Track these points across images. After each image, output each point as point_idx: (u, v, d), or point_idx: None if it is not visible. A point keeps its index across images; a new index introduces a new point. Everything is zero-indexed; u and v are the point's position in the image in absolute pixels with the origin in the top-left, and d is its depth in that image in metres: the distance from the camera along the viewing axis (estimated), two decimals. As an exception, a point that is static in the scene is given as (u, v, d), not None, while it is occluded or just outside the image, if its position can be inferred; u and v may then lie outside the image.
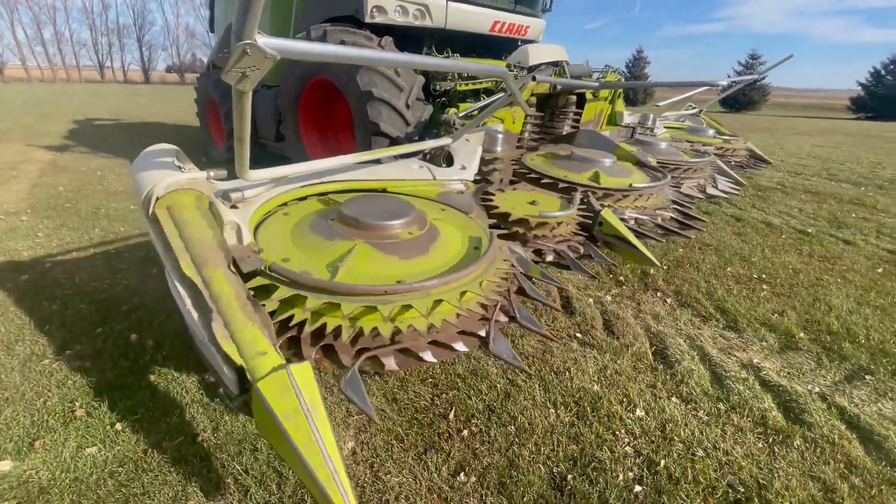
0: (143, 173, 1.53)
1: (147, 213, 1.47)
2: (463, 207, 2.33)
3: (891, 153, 8.90)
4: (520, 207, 2.53)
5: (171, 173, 1.53)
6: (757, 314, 2.52)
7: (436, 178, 2.57)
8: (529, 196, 2.68)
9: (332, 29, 3.64)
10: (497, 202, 2.62)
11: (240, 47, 0.96)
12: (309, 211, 2.04)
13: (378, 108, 3.53)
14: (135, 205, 4.27)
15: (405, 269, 1.59)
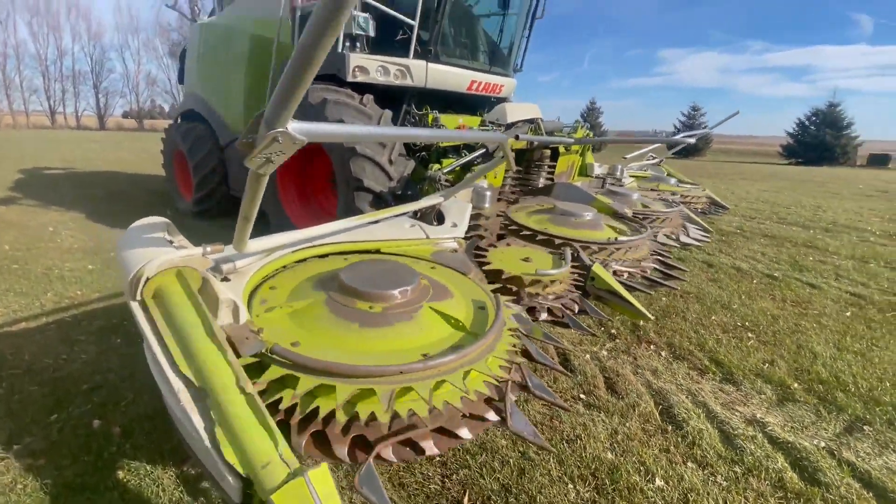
0: (131, 251, 1.39)
1: (134, 295, 1.32)
2: (460, 267, 2.28)
3: (826, 197, 9.75)
4: (513, 265, 2.51)
5: (163, 250, 1.40)
6: (749, 365, 2.55)
7: (429, 236, 2.53)
8: (522, 252, 2.68)
9: (315, 87, 3.66)
10: (490, 259, 2.59)
11: (271, 135, 0.90)
12: (304, 278, 1.93)
13: (362, 165, 3.52)
14: (93, 265, 3.97)
15: (426, 340, 1.50)
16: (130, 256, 1.38)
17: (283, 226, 4.36)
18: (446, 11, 3.88)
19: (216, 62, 5.42)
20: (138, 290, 1.32)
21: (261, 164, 1.04)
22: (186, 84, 6.19)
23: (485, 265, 2.48)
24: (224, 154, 5.53)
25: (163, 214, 5.82)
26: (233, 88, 5.17)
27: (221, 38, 5.34)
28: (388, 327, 1.53)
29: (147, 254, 1.37)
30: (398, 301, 1.67)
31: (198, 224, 5.52)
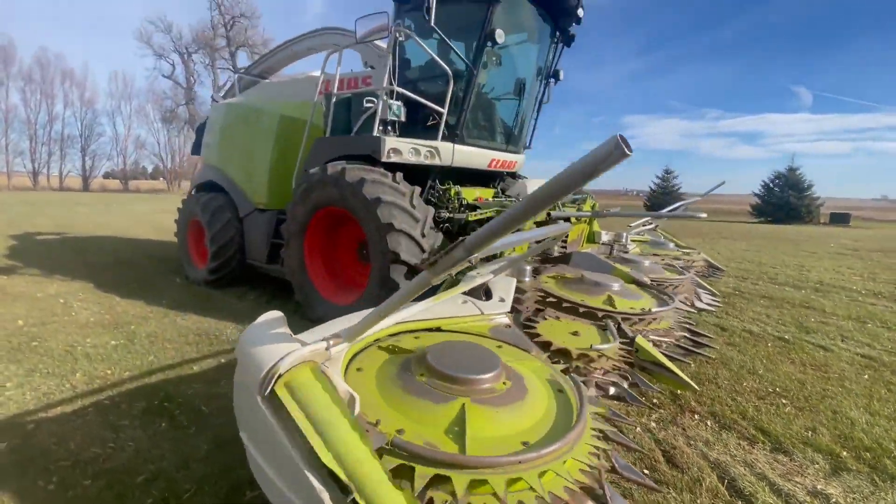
0: (257, 349, 1.45)
1: (263, 392, 1.36)
2: (522, 344, 2.37)
3: (804, 256, 10.34)
4: (565, 338, 2.63)
5: (291, 346, 1.46)
6: (794, 433, 2.64)
7: (483, 312, 2.64)
8: (570, 326, 2.80)
9: (352, 167, 3.89)
10: (541, 332, 2.70)
11: (471, 258, 1.03)
12: (382, 362, 1.99)
13: (398, 239, 3.68)
14: (115, 340, 3.89)
15: (521, 426, 1.55)
16: (258, 353, 1.44)
17: (308, 298, 4.41)
18: (471, 100, 4.28)
19: (239, 138, 5.70)
20: (269, 386, 1.37)
21: (440, 276, 1.15)
22: (205, 157, 6.41)
23: (536, 338, 2.58)
24: (243, 224, 5.65)
25: (172, 282, 5.92)
26: (256, 163, 5.41)
27: (246, 116, 5.65)
28: (485, 411, 1.58)
29: (275, 350, 1.43)
30: (488, 385, 1.74)
31: (212, 293, 5.49)
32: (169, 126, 43.58)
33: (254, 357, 1.44)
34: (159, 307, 4.86)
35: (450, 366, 1.77)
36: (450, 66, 4.10)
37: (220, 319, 4.51)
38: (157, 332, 4.11)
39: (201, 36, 36.27)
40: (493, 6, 3.92)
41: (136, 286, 5.75)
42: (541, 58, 4.95)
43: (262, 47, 36.53)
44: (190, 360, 3.50)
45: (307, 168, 4.59)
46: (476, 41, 4.07)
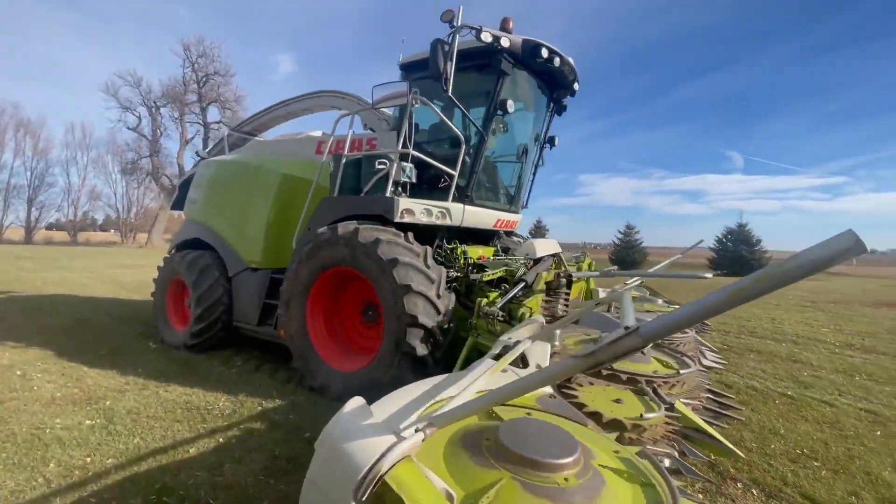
0: (347, 444, 1.29)
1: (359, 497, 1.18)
2: (576, 417, 2.26)
3: (770, 308, 10.89)
4: (611, 407, 2.54)
5: (386, 439, 1.31)
6: (839, 499, 2.60)
7: (527, 381, 2.53)
8: (610, 392, 2.72)
9: (365, 227, 3.82)
10: (584, 401, 2.61)
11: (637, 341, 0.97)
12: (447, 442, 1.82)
13: (415, 301, 3.56)
14: (90, 419, 3.43)
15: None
16: (349, 450, 1.28)
17: (310, 364, 4.13)
18: (480, 163, 4.40)
19: (233, 196, 5.54)
20: (370, 488, 1.20)
21: (597, 366, 1.07)
22: (190, 213, 6.16)
23: (582, 408, 2.48)
24: (231, 284, 5.36)
25: (146, 347, 5.46)
26: (251, 221, 5.24)
27: (242, 174, 5.54)
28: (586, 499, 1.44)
29: (371, 445, 1.28)
30: (577, 469, 1.59)
31: (193, 359, 5.05)
32: (129, 178, 42.22)
33: (344, 454, 1.27)
34: (136, 377, 4.39)
35: (528, 447, 1.62)
36: (461, 132, 4.24)
37: (208, 390, 4.11)
38: (138, 407, 3.67)
39: (171, 91, 36.35)
40: (503, 78, 4.16)
41: (104, 353, 5.21)
42: (537, 125, 5.24)
43: (234, 104, 37.03)
44: (183, 442, 3.12)
45: (311, 227, 4.48)
46: (487, 109, 4.27)
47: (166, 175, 38.44)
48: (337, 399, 3.85)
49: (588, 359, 1.06)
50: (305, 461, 2.89)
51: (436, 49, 3.65)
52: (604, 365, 1.06)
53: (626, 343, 0.99)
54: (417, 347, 3.54)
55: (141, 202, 47.97)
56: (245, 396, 3.96)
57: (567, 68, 4.48)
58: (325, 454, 1.32)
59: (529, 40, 4.06)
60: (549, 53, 4.13)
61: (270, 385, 4.29)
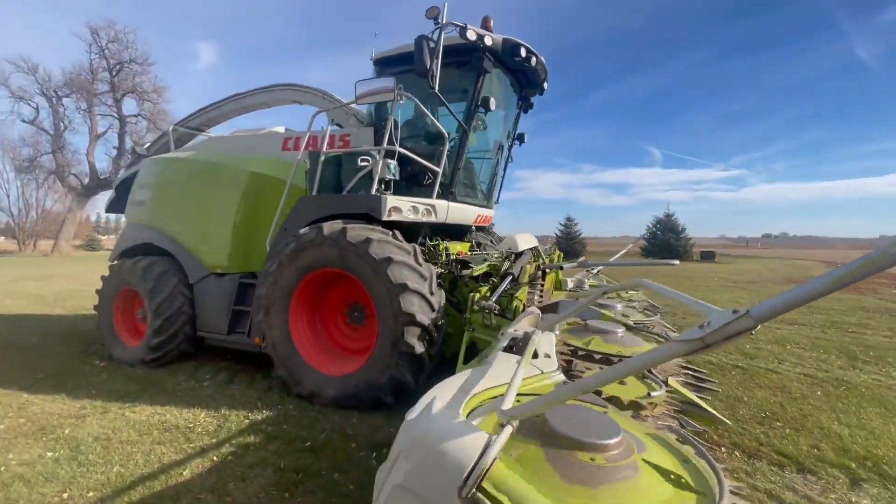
0: (446, 444, 1.27)
1: (465, 494, 1.18)
2: (597, 401, 2.39)
3: (703, 289, 12.02)
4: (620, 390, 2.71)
5: (480, 435, 1.30)
6: (805, 452, 2.98)
7: (543, 371, 2.62)
8: (614, 376, 2.89)
9: (353, 226, 3.71)
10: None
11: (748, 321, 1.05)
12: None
13: (411, 299, 3.53)
14: (51, 450, 3.05)
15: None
16: (445, 449, 1.27)
17: (295, 372, 3.96)
18: (463, 160, 4.44)
19: (190, 196, 5.12)
20: (474, 486, 1.20)
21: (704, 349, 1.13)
22: (135, 217, 5.61)
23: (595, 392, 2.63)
24: (193, 292, 4.97)
25: (91, 366, 5.06)
26: (215, 223, 4.88)
27: (201, 173, 5.13)
28: (619, 483, 1.39)
29: (468, 442, 1.28)
30: (617, 452, 1.63)
31: (153, 375, 4.62)
32: (26, 177, 37.06)
33: (443, 454, 1.26)
34: (91, 400, 3.95)
35: (573, 429, 1.67)
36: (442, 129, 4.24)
37: (182, 407, 3.80)
38: (106, 433, 3.31)
39: (76, 79, 32.36)
40: (484, 75, 4.22)
41: (43, 376, 4.62)
42: (509, 122, 5.37)
43: (153, 95, 33.82)
44: (172, 465, 2.87)
45: (287, 228, 4.27)
46: (468, 106, 4.30)
47: (74, 174, 34.31)
48: (331, 405, 3.74)
49: (696, 343, 1.13)
50: (315, 471, 2.80)
51: (421, 45, 3.62)
52: (711, 348, 1.14)
53: (737, 325, 1.08)
54: (415, 346, 3.52)
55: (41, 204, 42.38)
56: (227, 410, 3.71)
57: (540, 67, 4.64)
58: (419, 457, 1.30)
59: (509, 39, 4.16)
60: (527, 53, 4.25)
61: (252, 396, 4.06)
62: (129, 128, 33.74)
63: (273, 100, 6.18)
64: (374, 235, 3.66)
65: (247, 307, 4.66)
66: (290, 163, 4.92)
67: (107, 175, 34.03)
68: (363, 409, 3.69)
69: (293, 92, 5.93)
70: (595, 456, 1.47)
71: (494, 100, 4.27)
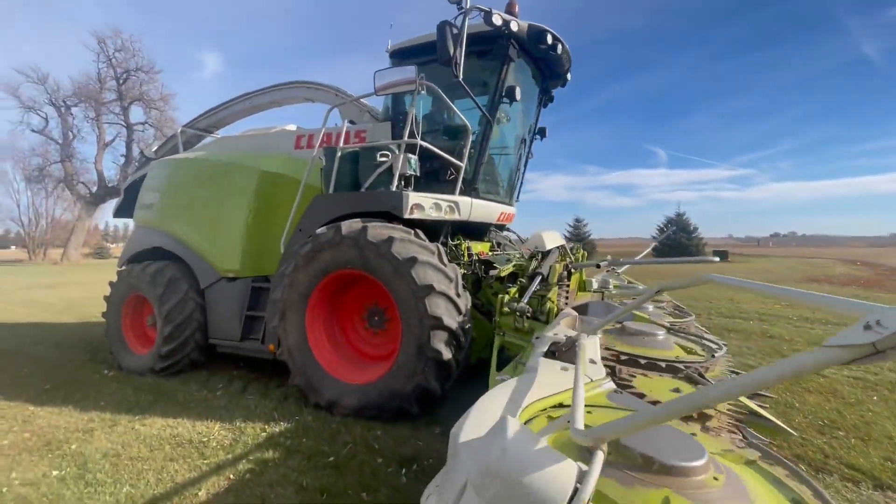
0: (534, 477, 1.03)
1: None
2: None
3: (722, 289, 11.66)
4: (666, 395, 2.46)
5: (569, 465, 1.06)
6: (878, 464, 2.70)
7: (592, 379, 2.38)
8: (667, 383, 2.64)
9: (374, 225, 3.49)
10: (643, 391, 2.51)
11: None
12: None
13: (437, 302, 3.30)
14: (56, 468, 2.85)
15: None
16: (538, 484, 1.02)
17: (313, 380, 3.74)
18: (486, 154, 4.21)
19: (200, 198, 4.93)
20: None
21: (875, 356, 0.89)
22: (144, 220, 5.43)
23: (638, 396, 2.38)
24: (204, 298, 4.77)
25: (100, 376, 4.79)
26: (225, 225, 4.69)
27: (211, 173, 4.95)
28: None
29: (560, 472, 1.03)
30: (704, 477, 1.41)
31: (163, 384, 4.42)
32: (36, 186, 37.32)
33: (523, 487, 1.02)
34: (100, 412, 3.75)
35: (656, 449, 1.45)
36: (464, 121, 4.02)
37: (195, 419, 3.58)
38: (115, 448, 3.10)
39: (84, 89, 32.59)
40: (508, 64, 3.99)
41: (50, 387, 4.43)
42: (530, 116, 5.13)
43: (160, 102, 34.00)
44: (186, 484, 2.65)
45: (302, 228, 4.06)
46: (491, 97, 4.08)
47: (82, 182, 34.51)
48: (352, 415, 3.50)
49: (864, 349, 0.89)
50: (340, 489, 2.56)
51: (444, 32, 3.40)
52: (881, 358, 0.90)
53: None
54: (443, 351, 3.28)
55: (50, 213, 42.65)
56: (242, 422, 3.49)
57: (565, 56, 4.41)
58: (496, 492, 1.06)
59: (534, 26, 3.93)
60: (553, 40, 4.02)
61: (267, 406, 3.83)
62: (136, 135, 33.90)
63: (284, 98, 6.00)
64: (396, 234, 3.44)
65: (260, 312, 4.46)
66: (303, 161, 4.72)
67: (114, 182, 34.22)
68: (386, 419, 3.46)
69: (305, 90, 5.74)
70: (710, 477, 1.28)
71: (519, 90, 4.04)
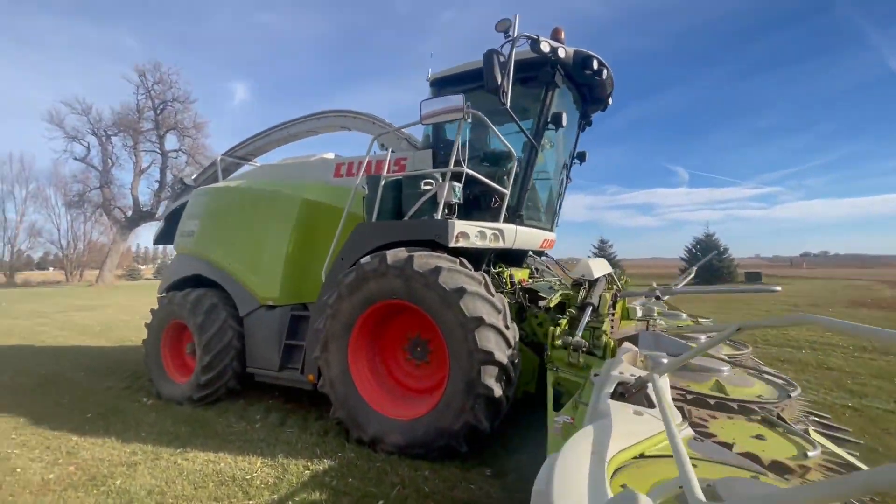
0: None
1: None
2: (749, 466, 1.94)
3: (763, 314, 11.14)
4: (761, 446, 2.25)
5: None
6: None
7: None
8: (747, 428, 2.43)
9: (419, 254, 3.42)
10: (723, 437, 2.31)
11: None
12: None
13: (487, 335, 3.18)
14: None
15: None
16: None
17: (356, 414, 3.62)
18: (531, 180, 4.13)
19: (241, 225, 4.98)
20: None
21: None
22: (185, 247, 5.51)
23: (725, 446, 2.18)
24: (243, 325, 4.76)
25: (139, 404, 4.70)
26: (266, 253, 4.70)
27: (254, 201, 5.01)
28: None
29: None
30: None
31: (202, 415, 4.37)
32: (75, 211, 39.12)
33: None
34: (142, 444, 3.70)
35: None
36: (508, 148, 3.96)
37: (237, 454, 3.49)
38: (159, 485, 3.03)
39: (124, 119, 34.39)
40: (553, 90, 3.95)
41: (92, 416, 4.44)
42: (570, 140, 5.06)
43: (193, 130, 35.50)
44: (234, 528, 2.54)
45: (343, 257, 4.02)
46: (535, 123, 4.03)
47: (119, 207, 36.05)
48: (398, 453, 3.36)
49: None
50: (394, 538, 2.41)
51: (491, 60, 3.38)
52: None
53: None
54: (494, 388, 3.13)
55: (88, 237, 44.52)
56: (285, 458, 3.38)
57: (609, 81, 4.35)
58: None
59: (580, 51, 3.89)
60: (599, 65, 3.97)
61: (308, 441, 3.72)
62: (169, 162, 35.36)
63: (320, 127, 6.10)
64: (443, 264, 3.35)
65: (299, 341, 4.40)
66: (343, 189, 4.74)
67: (148, 207, 35.59)
68: (433, 458, 3.30)
69: (341, 118, 5.83)
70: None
71: (566, 115, 3.98)
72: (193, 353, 4.83)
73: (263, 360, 4.55)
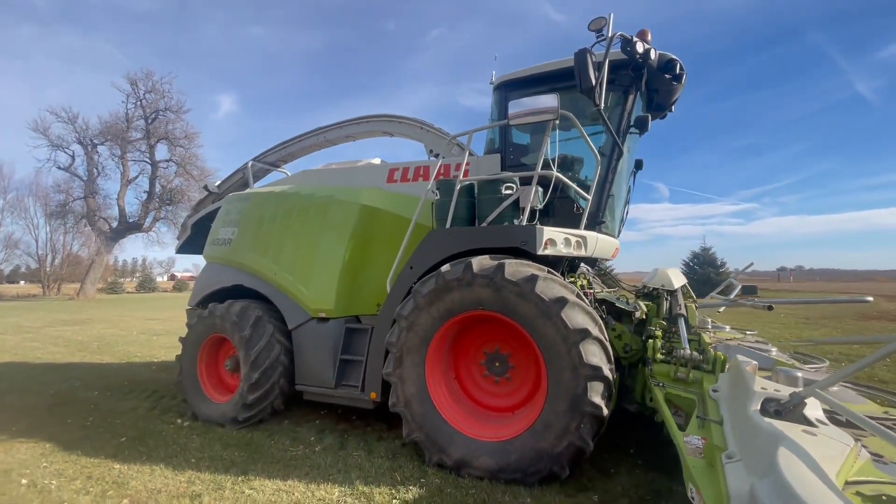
0: None
1: None
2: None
3: (779, 326, 11.14)
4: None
5: None
6: None
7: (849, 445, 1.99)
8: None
9: (509, 262, 3.19)
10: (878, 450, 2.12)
11: None
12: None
13: (592, 349, 2.96)
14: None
15: None
16: None
17: (437, 436, 3.34)
18: (612, 185, 3.98)
19: (288, 233, 4.69)
20: None
21: None
22: (220, 256, 5.18)
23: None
24: (292, 339, 4.44)
25: (174, 426, 4.40)
26: (319, 262, 4.42)
27: (301, 207, 4.73)
28: None
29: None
30: None
31: (251, 437, 4.01)
32: (56, 222, 37.62)
33: None
34: (197, 472, 3.34)
35: None
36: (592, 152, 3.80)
37: (307, 481, 3.17)
38: (234, 520, 2.69)
39: (112, 128, 33.47)
40: (637, 92, 3.83)
41: (127, 440, 4.04)
42: (635, 147, 4.94)
43: (185, 141, 34.76)
44: (343, 571, 2.22)
45: (413, 266, 3.77)
46: (618, 126, 3.88)
47: (103, 218, 34.83)
48: (489, 477, 3.08)
49: None
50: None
51: (584, 59, 3.23)
52: None
53: None
54: (601, 405, 2.90)
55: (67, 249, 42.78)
56: (364, 485, 3.07)
57: (682, 87, 4.25)
58: None
59: (665, 55, 3.78)
60: (681, 70, 3.87)
61: (381, 465, 3.41)
62: (160, 171, 34.50)
63: (360, 132, 5.89)
64: (538, 272, 3.14)
65: (356, 356, 4.10)
66: (399, 195, 4.53)
67: (135, 218, 34.53)
68: (529, 483, 3.03)
69: (385, 123, 5.63)
70: None
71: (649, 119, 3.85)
72: (233, 369, 4.48)
73: (316, 377, 4.23)
